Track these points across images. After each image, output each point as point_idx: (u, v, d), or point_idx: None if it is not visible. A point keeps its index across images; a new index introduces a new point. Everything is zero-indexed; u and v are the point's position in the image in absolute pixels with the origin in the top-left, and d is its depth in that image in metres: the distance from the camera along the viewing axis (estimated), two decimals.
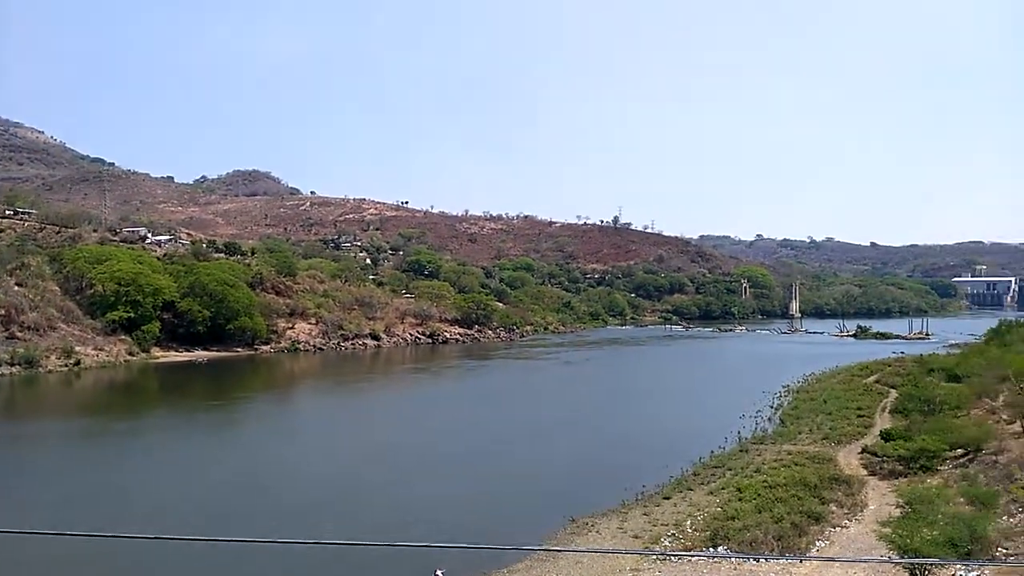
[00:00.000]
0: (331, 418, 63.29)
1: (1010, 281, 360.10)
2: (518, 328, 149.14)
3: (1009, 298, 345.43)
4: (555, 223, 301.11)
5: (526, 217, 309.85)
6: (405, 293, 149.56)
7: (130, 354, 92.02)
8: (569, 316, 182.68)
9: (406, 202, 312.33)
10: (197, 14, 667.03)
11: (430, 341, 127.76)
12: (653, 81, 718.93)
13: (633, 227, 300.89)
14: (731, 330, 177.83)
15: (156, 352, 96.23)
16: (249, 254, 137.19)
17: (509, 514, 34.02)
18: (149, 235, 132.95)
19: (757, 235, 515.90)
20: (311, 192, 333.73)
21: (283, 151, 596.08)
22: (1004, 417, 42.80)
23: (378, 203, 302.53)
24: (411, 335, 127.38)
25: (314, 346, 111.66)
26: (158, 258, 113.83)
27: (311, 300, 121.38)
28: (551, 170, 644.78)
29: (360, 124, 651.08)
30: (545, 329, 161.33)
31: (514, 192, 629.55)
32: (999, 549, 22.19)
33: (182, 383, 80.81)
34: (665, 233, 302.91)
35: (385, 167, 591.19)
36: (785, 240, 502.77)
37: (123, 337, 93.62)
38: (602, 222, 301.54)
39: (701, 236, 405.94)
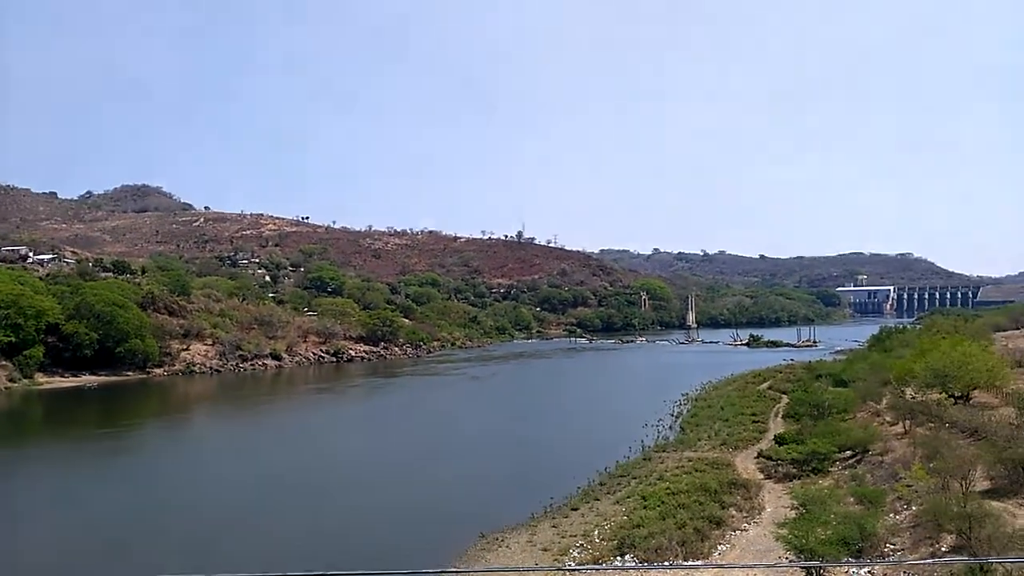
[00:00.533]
0: (229, 443, 60.78)
1: (889, 290, 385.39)
2: (425, 344, 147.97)
3: (888, 306, 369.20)
4: (460, 238, 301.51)
5: (431, 232, 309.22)
6: (307, 311, 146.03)
7: (11, 380, 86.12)
8: (476, 331, 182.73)
9: (306, 217, 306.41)
10: (80, 18, 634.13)
11: (334, 359, 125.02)
12: (551, 101, 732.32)
13: (537, 242, 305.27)
14: (632, 341, 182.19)
15: (40, 378, 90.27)
16: (139, 273, 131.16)
17: (417, 534, 33.46)
18: (31, 254, 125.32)
19: (654, 249, 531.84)
20: (205, 207, 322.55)
21: (175, 165, 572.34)
22: (887, 419, 45.31)
23: (277, 218, 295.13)
24: (314, 354, 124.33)
25: (211, 368, 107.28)
26: (40, 278, 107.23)
27: (207, 320, 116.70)
28: (455, 185, 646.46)
29: (255, 137, 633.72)
30: (452, 344, 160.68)
31: (419, 207, 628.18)
32: (887, 545, 23.38)
33: (69, 410, 76.02)
34: (568, 248, 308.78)
35: (284, 181, 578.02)
36: (681, 254, 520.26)
37: (3, 363, 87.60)
38: (506, 237, 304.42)
39: (602, 250, 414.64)
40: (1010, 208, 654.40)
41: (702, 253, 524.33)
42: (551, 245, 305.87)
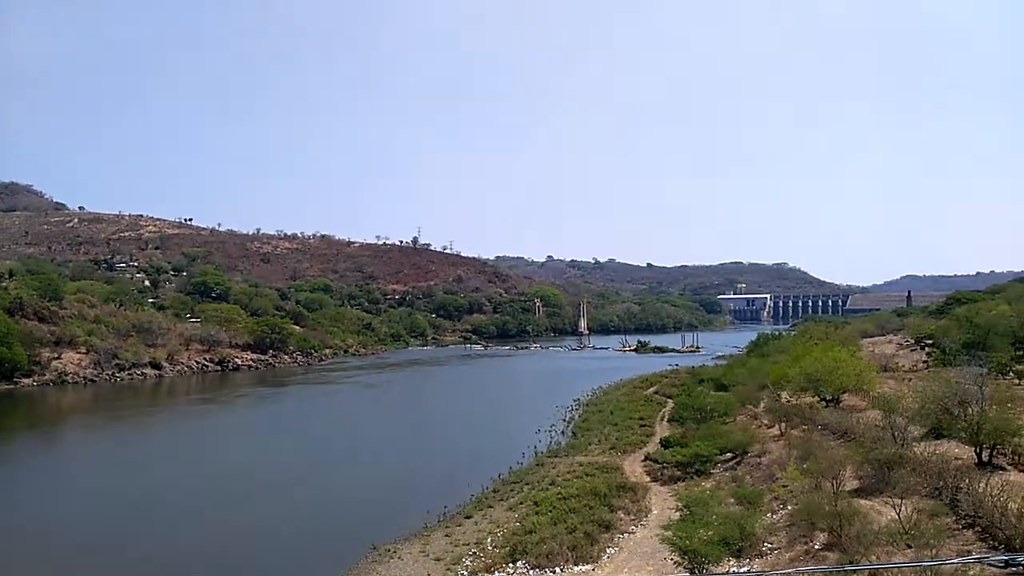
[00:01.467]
0: (103, 457, 57.19)
1: (766, 298, 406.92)
2: (316, 352, 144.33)
3: (765, 313, 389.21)
4: (354, 243, 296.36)
5: (323, 236, 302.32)
6: (190, 317, 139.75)
7: None
8: (370, 338, 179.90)
9: (190, 219, 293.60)
10: None
11: (219, 368, 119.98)
12: (445, 111, 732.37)
13: (432, 248, 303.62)
14: (527, 348, 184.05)
15: None
16: (6, 276, 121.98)
17: (305, 548, 32.43)
18: None
19: (548, 256, 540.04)
20: (80, 207, 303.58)
21: (46, 162, 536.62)
22: (765, 422, 47.49)
23: (158, 220, 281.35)
24: (198, 363, 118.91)
25: (84, 378, 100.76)
26: None
27: (80, 327, 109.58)
28: (349, 189, 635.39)
29: (134, 133, 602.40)
30: (345, 352, 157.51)
31: (310, 210, 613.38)
32: (765, 544, 24.39)
33: None
34: (463, 254, 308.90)
35: (165, 181, 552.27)
36: (573, 261, 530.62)
37: None
38: (402, 242, 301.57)
39: (497, 257, 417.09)
40: (877, 220, 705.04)
41: (593, 261, 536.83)
42: (447, 251, 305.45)
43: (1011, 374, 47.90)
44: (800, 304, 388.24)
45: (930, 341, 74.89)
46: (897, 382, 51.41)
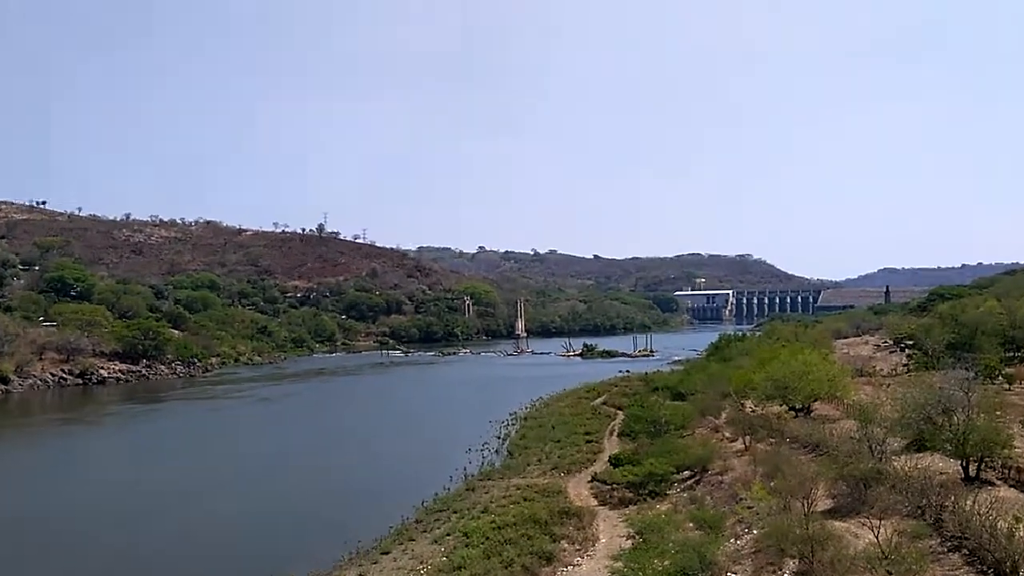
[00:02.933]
0: None
1: (728, 294, 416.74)
2: (200, 361, 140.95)
3: (727, 311, 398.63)
4: (246, 231, 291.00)
5: (208, 223, 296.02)
6: (44, 321, 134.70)
7: None
8: (267, 344, 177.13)
9: (43, 202, 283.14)
10: None
11: (81, 382, 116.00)
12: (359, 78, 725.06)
13: (342, 237, 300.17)
14: (454, 353, 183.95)
15: None
16: None
17: None
18: None
19: (479, 247, 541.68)
20: None
21: None
22: (727, 435, 48.51)
23: (3, 203, 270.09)
24: (54, 375, 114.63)
25: None
26: None
27: None
28: (241, 172, 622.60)
29: None
30: (236, 361, 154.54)
31: (190, 193, 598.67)
32: (728, 574, 24.85)
33: None
34: (379, 244, 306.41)
35: (12, 158, 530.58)
36: (508, 252, 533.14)
37: None
38: (305, 231, 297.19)
39: (420, 248, 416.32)
40: (851, 208, 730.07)
41: (533, 253, 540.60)
42: (359, 241, 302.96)
43: (1000, 378, 50.03)
44: (766, 301, 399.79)
45: (911, 342, 77.87)
46: (874, 388, 53.25)
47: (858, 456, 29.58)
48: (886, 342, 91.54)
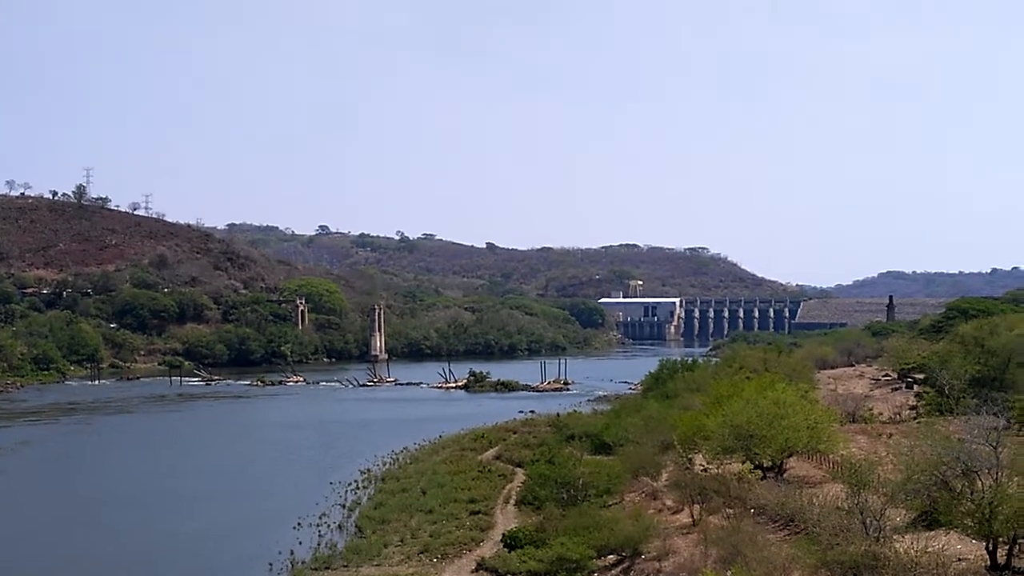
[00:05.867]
0: None
1: (673, 303, 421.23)
2: None
3: (673, 327, 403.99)
4: None
5: None
6: None
7: None
8: None
9: None
10: None
11: None
12: None
13: (114, 207, 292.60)
14: (281, 383, 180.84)
15: None
16: None
17: None
18: None
19: (321, 227, 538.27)
20: None
21: None
22: (668, 503, 49.04)
23: None
24: None
25: None
26: None
27: None
28: None
29: None
30: None
31: None
32: None
33: None
34: (170, 219, 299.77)
35: None
36: (364, 236, 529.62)
37: None
38: (56, 195, 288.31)
39: (231, 226, 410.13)
40: (844, 192, 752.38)
41: (399, 237, 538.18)
42: (139, 214, 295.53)
43: None
44: (726, 314, 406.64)
45: (921, 376, 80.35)
46: (871, 439, 54.72)
47: (847, 535, 30.07)
48: (887, 375, 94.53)
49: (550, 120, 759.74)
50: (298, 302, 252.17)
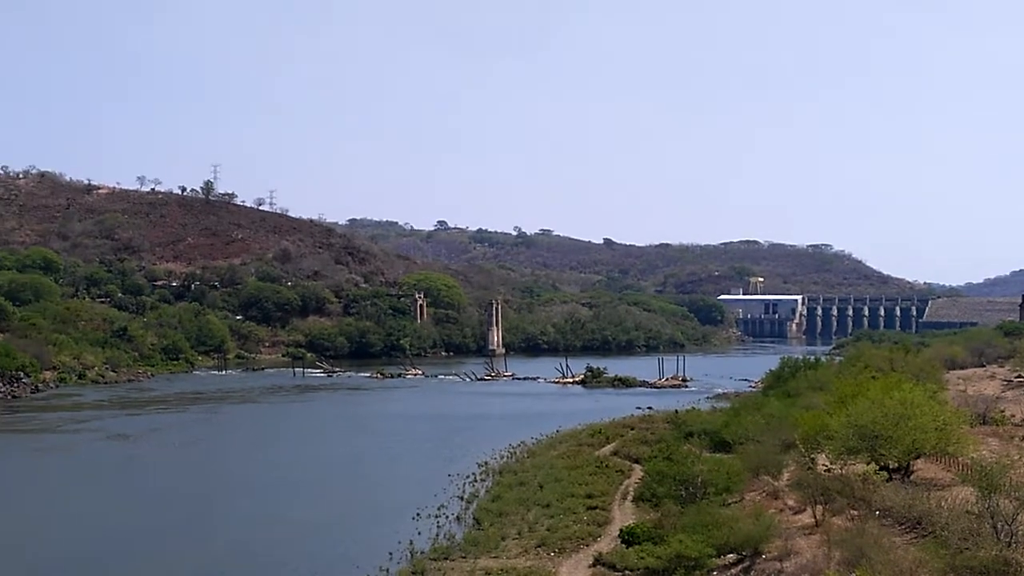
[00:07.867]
0: None
1: (795, 301, 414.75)
2: (30, 376, 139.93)
3: (794, 325, 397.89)
4: (98, 188, 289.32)
5: (43, 175, 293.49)
6: None
7: None
8: (126, 353, 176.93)
9: None
10: None
11: None
12: None
13: (240, 202, 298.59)
14: (400, 375, 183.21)
15: None
16: None
17: None
18: None
19: (439, 223, 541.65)
20: None
21: None
22: (790, 503, 48.55)
23: None
24: None
25: None
26: None
27: None
28: (87, 99, 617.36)
29: None
30: (81, 377, 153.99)
31: (17, 132, 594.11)
32: None
33: None
34: (293, 214, 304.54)
35: None
36: (481, 232, 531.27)
37: None
38: (185, 191, 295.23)
39: (352, 221, 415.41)
40: (979, 183, 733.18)
41: (516, 233, 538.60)
42: (264, 209, 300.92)
43: None
44: (850, 312, 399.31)
45: None
46: (1002, 442, 53.51)
47: (977, 539, 29.64)
48: (1020, 376, 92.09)
49: (670, 116, 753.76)
50: (417, 296, 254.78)
